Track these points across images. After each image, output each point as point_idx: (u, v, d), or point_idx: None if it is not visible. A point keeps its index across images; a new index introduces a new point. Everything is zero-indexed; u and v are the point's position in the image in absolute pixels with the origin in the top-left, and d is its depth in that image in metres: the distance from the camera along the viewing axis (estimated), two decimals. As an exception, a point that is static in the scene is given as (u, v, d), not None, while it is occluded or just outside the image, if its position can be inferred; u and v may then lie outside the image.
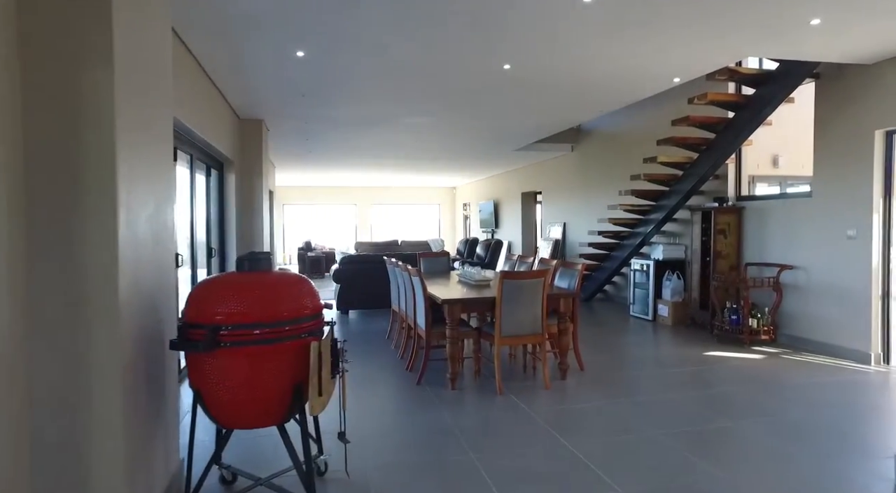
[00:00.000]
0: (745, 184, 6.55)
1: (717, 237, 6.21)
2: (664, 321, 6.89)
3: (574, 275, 4.78)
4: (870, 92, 4.89)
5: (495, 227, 14.81)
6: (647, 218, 7.25)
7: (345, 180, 16.58)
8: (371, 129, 7.92)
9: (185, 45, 4.30)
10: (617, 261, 7.82)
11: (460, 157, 11.19)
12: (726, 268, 6.22)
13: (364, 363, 5.09)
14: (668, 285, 6.89)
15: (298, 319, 2.33)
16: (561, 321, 4.45)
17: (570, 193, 10.55)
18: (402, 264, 5.20)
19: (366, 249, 13.16)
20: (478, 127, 7.82)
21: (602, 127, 9.42)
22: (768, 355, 5.21)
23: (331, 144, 9.29)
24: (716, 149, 5.95)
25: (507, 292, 4.14)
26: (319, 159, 11.35)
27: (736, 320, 5.65)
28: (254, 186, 7.01)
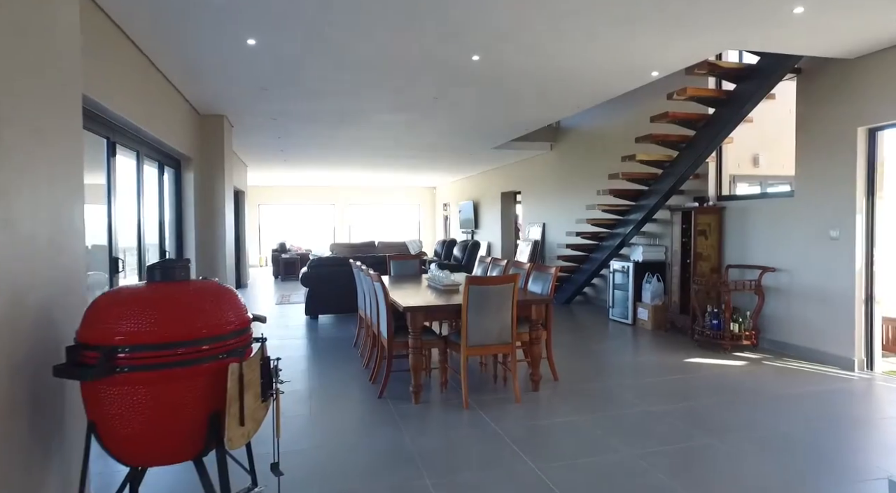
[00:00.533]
0: (725, 183, 6.35)
1: (698, 238, 5.99)
2: (644, 325, 6.67)
3: (548, 279, 4.51)
4: (852, 88, 4.70)
5: (475, 227, 14.54)
6: (627, 218, 7.02)
7: (322, 180, 16.21)
8: (342, 126, 7.60)
9: (124, 34, 3.95)
10: (596, 263, 7.59)
11: (438, 156, 10.91)
12: (707, 270, 6.01)
13: (326, 374, 4.78)
14: (648, 287, 6.67)
15: (219, 336, 2.01)
16: (533, 329, 4.18)
17: (550, 193, 10.32)
18: (366, 268, 4.89)
19: (341, 250, 12.81)
20: (453, 125, 7.54)
21: (581, 125, 9.20)
22: (750, 362, 5.00)
23: (302, 142, 8.95)
24: (696, 146, 5.73)
25: (474, 299, 3.85)
26: (292, 158, 10.98)
27: (717, 324, 5.43)
28: (215, 185, 6.65)
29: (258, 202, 17.76)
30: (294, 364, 5.12)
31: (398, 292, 4.64)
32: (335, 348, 5.84)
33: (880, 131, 4.64)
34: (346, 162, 11.77)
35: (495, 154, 10.61)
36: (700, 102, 5.43)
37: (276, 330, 6.82)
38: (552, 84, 5.44)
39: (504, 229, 12.91)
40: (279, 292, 10.67)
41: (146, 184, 5.02)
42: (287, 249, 14.16)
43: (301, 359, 5.32)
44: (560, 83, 5.41)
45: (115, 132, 4.12)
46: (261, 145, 9.27)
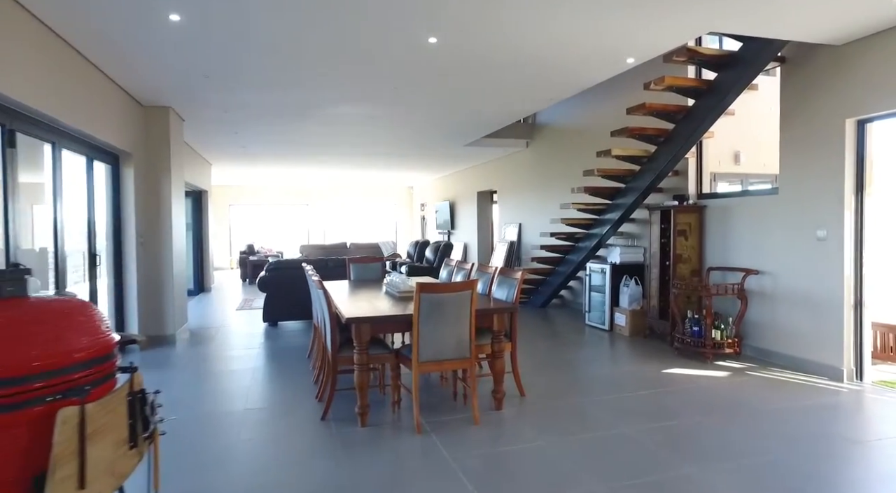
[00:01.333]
0: (706, 180, 6.00)
1: (677, 239, 5.63)
2: (621, 332, 6.29)
3: (513, 285, 4.09)
4: (839, 77, 4.36)
5: (451, 228, 14.12)
6: (603, 218, 6.64)
7: (296, 179, 15.66)
8: (303, 121, 7.11)
9: (30, 13, 3.44)
10: (572, 265, 7.20)
11: (409, 154, 10.45)
12: (687, 273, 5.65)
13: (271, 390, 4.30)
14: (626, 291, 6.29)
15: (60, 370, 1.56)
16: (495, 341, 3.75)
17: (526, 192, 9.93)
18: (313, 272, 4.43)
19: (311, 252, 12.31)
20: (419, 120, 7.09)
21: (558, 121, 8.82)
22: (733, 372, 4.63)
23: (264, 138, 8.43)
24: (675, 141, 5.36)
25: (426, 309, 3.41)
26: (258, 156, 10.45)
27: (698, 331, 5.06)
28: (160, 182, 6.12)
29: (228, 202, 17.14)
30: (238, 379, 4.63)
31: (351, 300, 4.18)
32: (288, 359, 5.36)
33: (869, 123, 4.30)
34: (317, 160, 11.26)
35: (469, 152, 10.20)
36: (679, 92, 5.06)
37: (230, 339, 6.31)
38: (520, 73, 5.03)
39: (480, 230, 12.50)
40: (243, 297, 10.13)
41: (67, 180, 4.49)
42: (256, 251, 13.59)
43: (246, 373, 4.83)
44: (529, 72, 5.00)
45: (16, 119, 3.60)
46: (220, 142, 8.73)
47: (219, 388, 4.42)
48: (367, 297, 4.38)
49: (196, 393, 4.28)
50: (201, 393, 4.28)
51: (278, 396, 4.20)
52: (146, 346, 5.88)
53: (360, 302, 4.08)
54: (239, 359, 5.38)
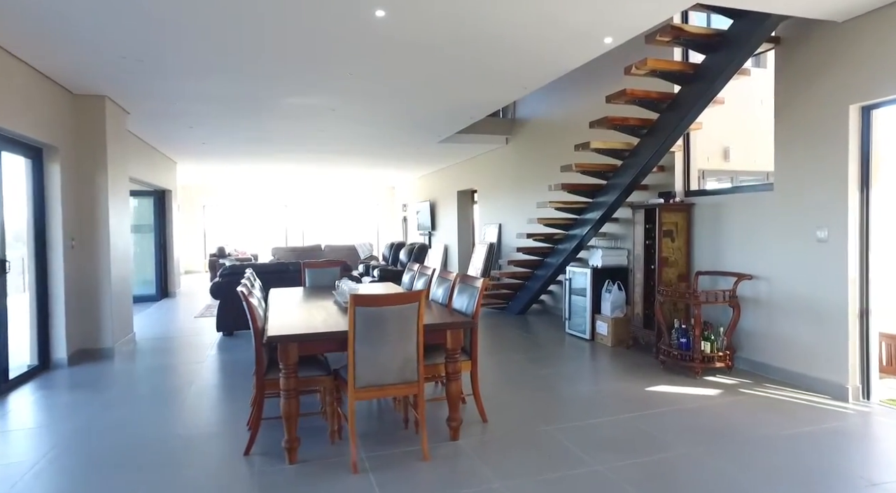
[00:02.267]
0: (694, 176, 5.51)
1: (663, 240, 5.13)
2: (603, 341, 5.78)
3: (473, 294, 3.56)
4: (842, 58, 3.87)
5: (432, 229, 13.58)
6: (583, 218, 6.14)
7: (272, 178, 15.05)
8: (257, 114, 6.54)
9: None
10: (551, 268, 6.69)
11: (381, 152, 9.90)
12: (674, 278, 5.15)
13: (203, 413, 3.74)
14: (608, 297, 5.79)
15: None
16: (449, 361, 3.22)
17: (506, 191, 9.42)
18: (248, 280, 3.88)
19: (283, 254, 11.74)
20: (382, 113, 6.55)
21: (538, 115, 8.32)
22: (725, 390, 4.13)
23: (222, 133, 7.85)
24: (660, 131, 4.87)
25: (364, 325, 2.88)
26: (222, 153, 9.85)
27: (685, 343, 4.56)
28: (96, 180, 5.53)
29: (202, 203, 16.51)
30: (168, 401, 4.06)
31: (292, 311, 3.63)
32: (236, 374, 4.80)
33: (876, 109, 3.82)
34: (288, 158, 10.68)
35: (446, 149, 9.67)
36: (664, 76, 4.56)
37: (179, 351, 5.72)
38: (484, 57, 4.51)
39: (461, 231, 11.98)
40: (207, 303, 9.52)
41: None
42: (227, 253, 12.96)
43: (182, 392, 4.27)
44: (494, 55, 4.48)
45: None
46: (177, 137, 8.14)
47: (140, 412, 3.85)
48: (314, 308, 3.83)
49: (112, 419, 3.71)
50: (118, 419, 3.71)
51: (208, 421, 3.64)
52: (76, 361, 5.28)
53: (301, 314, 3.53)
54: (180, 375, 4.81)
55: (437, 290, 4.18)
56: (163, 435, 3.42)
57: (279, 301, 4.18)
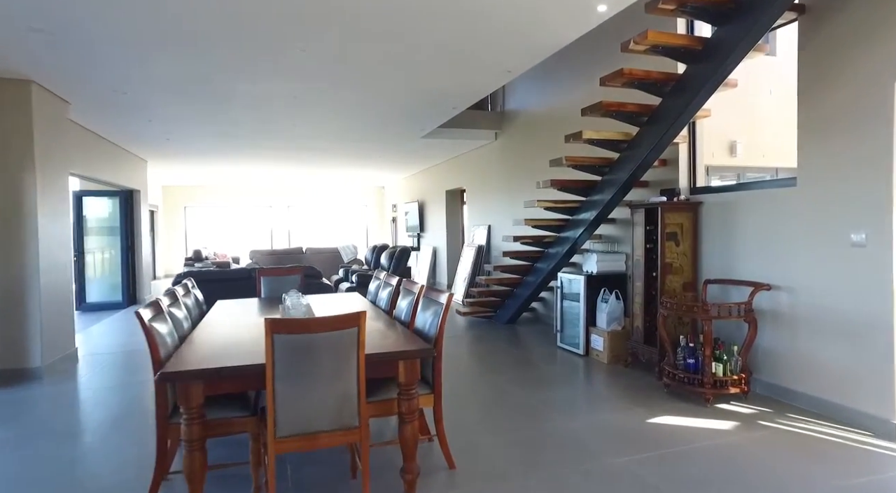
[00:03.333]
0: (700, 171, 4.86)
1: (666, 244, 4.48)
2: (599, 358, 5.13)
3: (437, 312, 2.91)
4: (881, 25, 3.23)
5: (420, 231, 12.92)
6: (576, 218, 5.48)
7: (255, 178, 14.39)
8: (214, 102, 5.88)
9: None
10: (541, 274, 6.03)
11: (362, 150, 9.25)
12: (679, 286, 4.51)
13: (109, 460, 3.07)
14: (604, 308, 5.14)
15: None
16: (404, 398, 2.56)
17: (495, 190, 8.77)
18: (170, 295, 3.22)
19: (260, 258, 11.08)
20: (351, 101, 5.89)
21: (529, 107, 7.67)
22: (742, 422, 3.47)
23: (185, 127, 7.19)
24: (662, 119, 4.22)
25: (287, 357, 2.22)
26: (193, 150, 9.19)
27: (693, 364, 3.91)
28: (20, 177, 4.86)
29: (183, 204, 15.85)
30: (90, 434, 3.39)
31: (223, 334, 2.97)
32: (167, 403, 4.13)
33: (924, 88, 3.18)
34: (266, 155, 10.02)
35: (432, 146, 9.02)
36: (667, 53, 3.91)
37: (120, 370, 5.05)
38: (463, 33, 3.86)
39: (450, 233, 11.32)
40: (174, 311, 8.83)
41: None
42: (204, 257, 12.28)
43: (96, 429, 3.60)
44: (474, 30, 3.84)
45: None
46: (136, 132, 7.47)
47: (44, 453, 3.18)
48: (252, 329, 3.18)
49: (3, 463, 3.04)
50: (12, 462, 3.05)
51: (111, 470, 2.98)
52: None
53: (229, 338, 2.87)
54: (106, 404, 4.14)
55: (402, 302, 3.53)
56: (59, 486, 2.76)
57: (216, 319, 3.52)
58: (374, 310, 3.72)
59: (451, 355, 5.45)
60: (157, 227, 14.76)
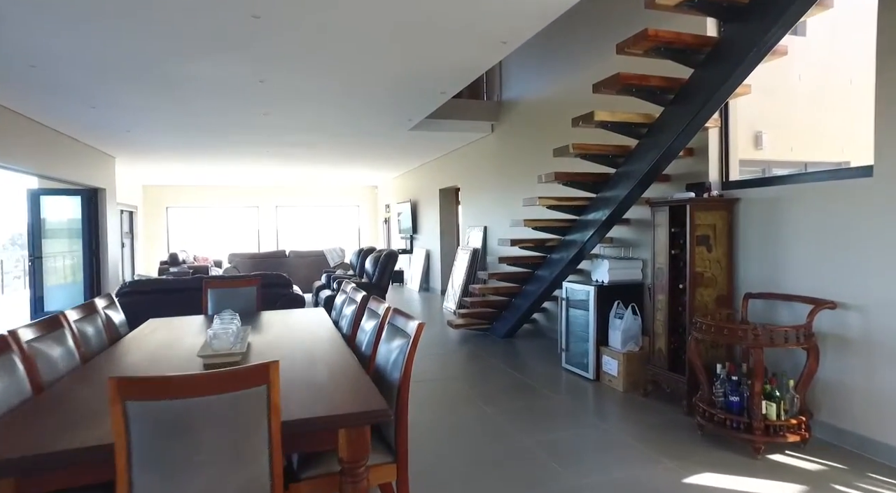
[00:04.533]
0: (734, 162, 4.07)
1: (696, 249, 3.68)
2: (612, 384, 4.32)
3: (403, 348, 2.11)
4: None
5: (413, 233, 12.12)
6: (585, 218, 4.68)
7: (240, 177, 13.60)
8: (165, 87, 5.08)
9: None
10: (543, 283, 5.23)
11: (348, 146, 8.44)
12: (711, 301, 3.70)
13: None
14: (619, 324, 4.33)
15: None
16: (348, 479, 1.76)
17: (492, 189, 7.97)
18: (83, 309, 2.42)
19: (240, 262, 10.28)
20: (325, 87, 5.09)
21: (529, 95, 6.88)
22: (808, 486, 2.66)
23: (139, 117, 6.40)
24: (694, 96, 3.42)
25: (147, 435, 1.42)
26: (158, 145, 8.38)
27: (737, 403, 3.10)
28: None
29: (165, 204, 15.05)
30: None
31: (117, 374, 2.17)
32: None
33: None
34: (245, 151, 9.22)
35: (422, 141, 8.21)
36: (704, 8, 3.11)
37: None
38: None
39: (444, 235, 10.52)
40: (139, 321, 8.03)
41: None
42: (180, 260, 11.47)
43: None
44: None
45: None
46: (87, 123, 6.67)
47: None
48: (163, 362, 2.38)
49: None
50: None
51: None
52: None
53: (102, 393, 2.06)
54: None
55: (367, 325, 2.74)
56: None
57: (127, 350, 2.72)
58: (331, 336, 2.91)
59: (438, 378, 4.65)
60: (136, 229, 13.99)
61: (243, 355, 2.40)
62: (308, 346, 2.66)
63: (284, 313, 3.94)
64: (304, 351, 2.54)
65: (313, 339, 2.83)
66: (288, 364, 2.28)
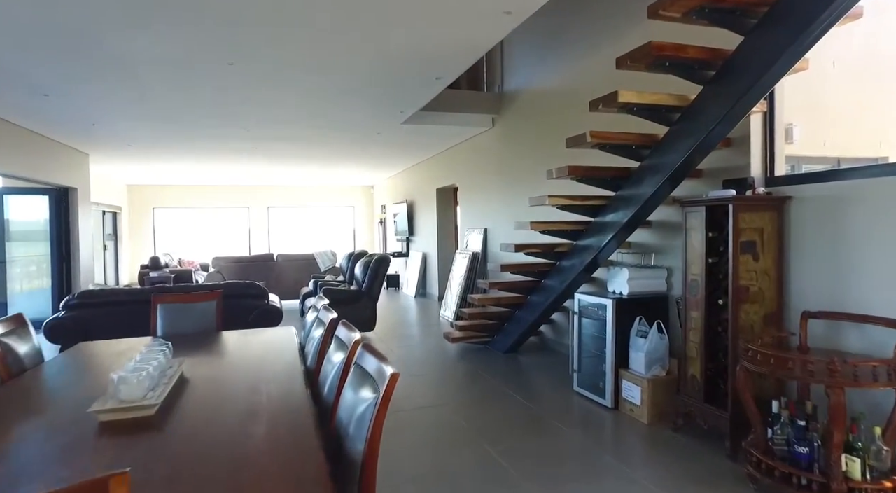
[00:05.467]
0: (780, 154, 3.44)
1: (741, 258, 3.05)
2: (634, 414, 3.69)
3: (372, 404, 1.47)
4: None
5: (410, 234, 11.49)
6: (601, 220, 4.04)
7: (228, 177, 12.99)
8: (113, 69, 4.44)
9: None
10: (551, 294, 4.59)
11: (339, 142, 7.81)
12: (757, 320, 3.07)
13: None
14: (642, 345, 3.70)
15: None
16: None
17: (493, 188, 7.34)
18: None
19: (224, 266, 9.64)
20: (304, 71, 4.46)
21: (534, 84, 6.25)
22: (909, 570, 2.03)
23: (96, 106, 5.77)
24: (742, 70, 2.79)
25: None
26: (130, 140, 7.74)
27: (806, 455, 2.46)
28: None
29: (151, 205, 14.41)
30: None
31: None
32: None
33: None
34: (227, 147, 8.59)
35: (418, 136, 7.58)
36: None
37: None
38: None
39: (442, 238, 9.88)
40: (109, 332, 7.39)
41: None
42: (163, 264, 10.84)
43: None
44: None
45: None
46: (43, 114, 6.03)
47: None
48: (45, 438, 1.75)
49: None
50: None
51: None
52: None
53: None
54: None
55: (335, 357, 2.11)
56: None
57: (7, 398, 2.08)
58: (290, 371, 2.27)
59: (430, 404, 4.01)
60: (120, 230, 13.36)
61: (157, 407, 1.77)
62: (253, 386, 2.04)
63: (248, 333, 3.31)
64: (245, 399, 1.91)
65: (266, 375, 2.20)
66: (217, 423, 1.66)
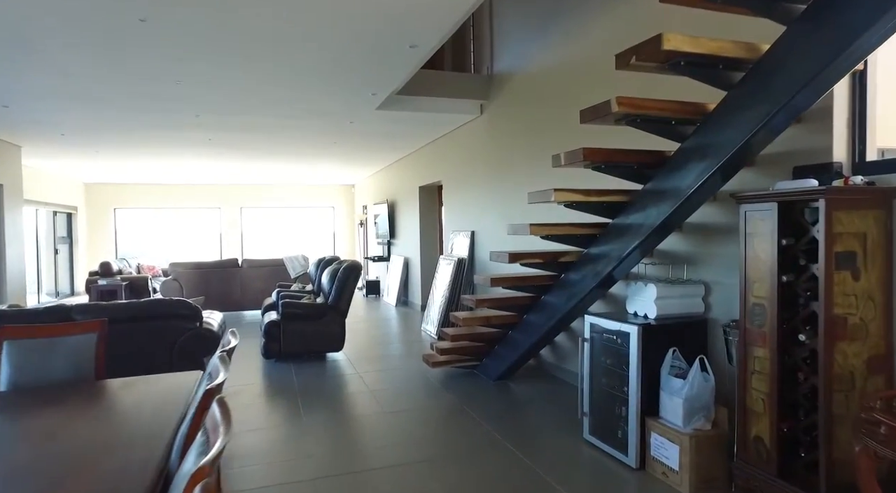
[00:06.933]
0: (872, 134, 2.54)
1: (835, 276, 2.14)
2: (669, 479, 2.75)
3: None
4: None
5: (391, 237, 10.53)
6: (623, 221, 3.10)
7: (198, 175, 11.96)
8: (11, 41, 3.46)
9: None
10: (554, 314, 3.65)
11: (307, 133, 6.83)
12: (860, 365, 2.16)
13: None
14: (678, 387, 2.77)
15: None
16: None
17: (482, 185, 6.40)
18: None
19: (182, 273, 8.60)
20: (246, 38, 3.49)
21: (529, 64, 5.33)
22: None
23: (6, 85, 4.75)
24: (821, 28, 1.88)
25: None
26: (59, 126, 6.68)
27: None
28: None
29: (112, 205, 13.29)
30: None
31: None
32: None
33: None
34: (185, 139, 7.60)
35: (396, 125, 6.62)
36: None
37: None
38: None
39: (425, 241, 8.92)
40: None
41: None
42: (115, 270, 9.75)
43: None
44: None
45: None
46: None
47: None
48: None
49: None
50: None
51: None
52: None
53: None
54: None
55: (194, 448, 1.13)
56: None
57: None
58: (139, 471, 1.31)
59: (401, 462, 3.05)
60: (76, 232, 12.26)
61: None
62: None
63: (137, 382, 2.33)
64: None
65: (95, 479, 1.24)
66: None
